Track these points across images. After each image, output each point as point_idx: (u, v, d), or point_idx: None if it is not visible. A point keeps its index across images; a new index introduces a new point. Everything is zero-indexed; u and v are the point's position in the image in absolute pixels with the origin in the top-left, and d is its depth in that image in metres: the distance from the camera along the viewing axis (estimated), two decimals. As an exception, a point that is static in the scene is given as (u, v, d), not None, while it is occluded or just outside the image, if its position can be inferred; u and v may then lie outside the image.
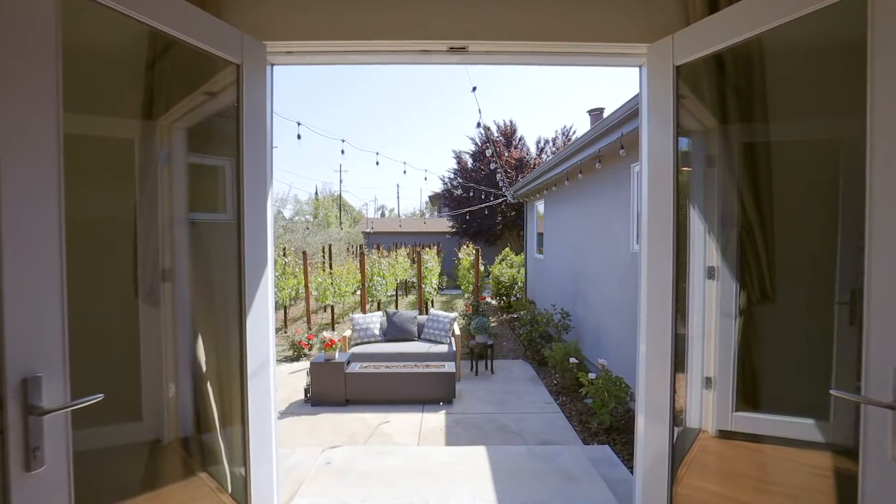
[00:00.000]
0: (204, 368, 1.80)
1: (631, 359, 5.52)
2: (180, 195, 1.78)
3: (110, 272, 1.70)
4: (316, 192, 47.13)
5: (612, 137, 4.92)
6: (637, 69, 2.16)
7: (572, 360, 5.68)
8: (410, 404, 5.69)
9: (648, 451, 2.08)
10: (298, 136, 5.18)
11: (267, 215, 1.95)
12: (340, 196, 45.34)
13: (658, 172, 1.92)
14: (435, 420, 5.26)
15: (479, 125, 5.91)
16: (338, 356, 5.88)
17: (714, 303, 2.20)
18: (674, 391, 1.97)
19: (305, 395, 5.86)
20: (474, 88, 4.77)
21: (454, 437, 4.80)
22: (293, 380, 6.82)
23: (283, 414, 5.49)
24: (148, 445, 1.76)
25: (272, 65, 2.09)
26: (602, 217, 6.53)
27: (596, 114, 9.75)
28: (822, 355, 2.09)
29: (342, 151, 6.10)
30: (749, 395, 2.33)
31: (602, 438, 4.69)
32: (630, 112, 4.22)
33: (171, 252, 1.74)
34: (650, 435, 2.08)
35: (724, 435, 2.36)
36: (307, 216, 37.31)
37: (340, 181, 65.31)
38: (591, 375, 4.98)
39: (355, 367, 5.91)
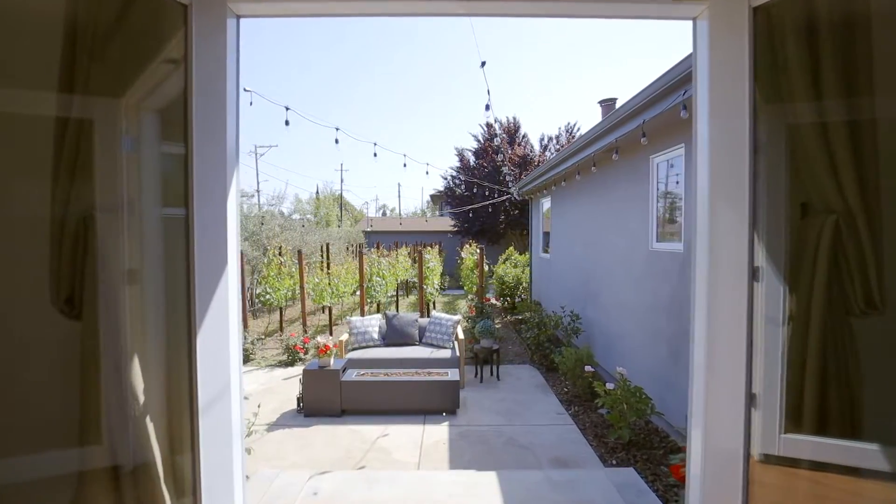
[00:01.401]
0: (141, 400, 1.38)
1: (650, 365, 5.15)
2: (104, 183, 1.37)
3: (12, 278, 1.29)
4: (317, 191, 46.79)
5: (632, 125, 4.50)
6: (690, 23, 1.74)
7: (588, 368, 5.27)
8: (411, 415, 5.28)
9: (708, 488, 1.66)
10: (286, 122, 4.76)
11: (228, 209, 1.53)
12: (342, 195, 44.96)
13: (725, 154, 1.51)
14: (437, 433, 4.85)
15: (487, 108, 5.39)
16: (333, 363, 5.47)
17: (758, 307, 1.79)
18: (750, 414, 1.56)
19: (298, 405, 5.46)
20: (483, 63, 4.34)
21: (458, 453, 4.40)
22: (287, 387, 6.42)
23: (273, 426, 5.09)
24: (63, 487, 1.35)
25: (238, 16, 1.68)
26: (616, 214, 6.11)
27: (608, 104, 9.26)
28: (888, 368, 1.70)
29: (336, 141, 5.68)
30: (801, 414, 1.92)
31: (621, 455, 4.27)
32: (654, 95, 3.80)
33: (92, 255, 1.33)
34: (713, 469, 1.67)
35: (770, 460, 1.97)
36: (308, 215, 36.95)
37: (342, 180, 64.82)
38: (610, 386, 4.56)
39: (352, 375, 5.51)
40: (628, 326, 5.65)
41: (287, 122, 4.71)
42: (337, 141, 5.67)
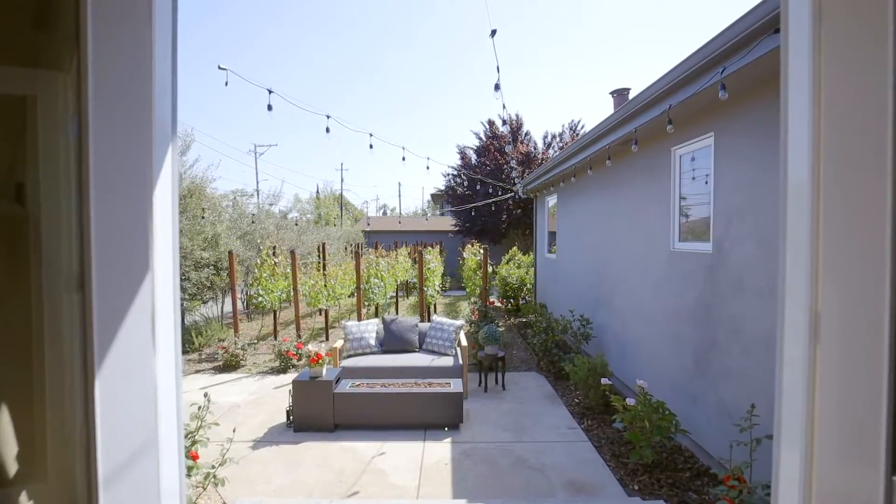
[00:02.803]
0: (11, 471, 0.97)
1: (671, 376, 4.69)
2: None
3: None
4: (317, 191, 46.42)
5: (655, 112, 4.07)
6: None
7: (605, 380, 4.83)
8: (410, 430, 4.85)
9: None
10: (269, 107, 4.34)
11: (154, 202, 1.08)
12: (342, 195, 44.56)
13: (846, 122, 1.07)
14: (439, 451, 4.43)
15: (497, 88, 4.88)
16: (325, 373, 5.04)
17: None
18: (892, 450, 1.11)
19: (288, 419, 5.04)
20: (493, 32, 3.89)
21: (462, 475, 3.97)
22: (277, 396, 5.99)
23: (260, 443, 4.66)
24: None
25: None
26: (631, 211, 5.68)
27: (621, 94, 8.79)
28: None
29: (327, 130, 5.27)
30: None
31: (644, 479, 3.85)
32: (685, 76, 3.37)
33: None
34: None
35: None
36: (307, 214, 36.54)
37: (342, 179, 64.31)
38: (630, 401, 4.13)
39: (346, 386, 5.08)
40: (645, 333, 5.22)
41: (270, 107, 4.29)
42: (328, 130, 5.26)
